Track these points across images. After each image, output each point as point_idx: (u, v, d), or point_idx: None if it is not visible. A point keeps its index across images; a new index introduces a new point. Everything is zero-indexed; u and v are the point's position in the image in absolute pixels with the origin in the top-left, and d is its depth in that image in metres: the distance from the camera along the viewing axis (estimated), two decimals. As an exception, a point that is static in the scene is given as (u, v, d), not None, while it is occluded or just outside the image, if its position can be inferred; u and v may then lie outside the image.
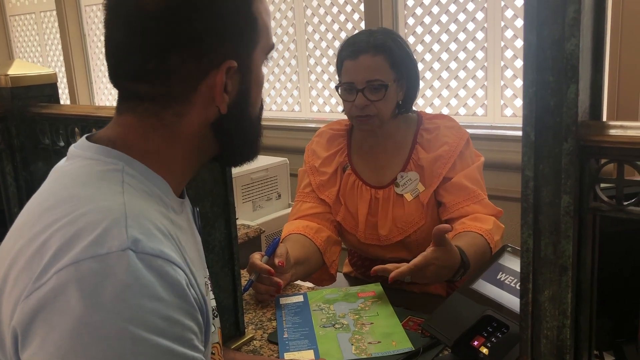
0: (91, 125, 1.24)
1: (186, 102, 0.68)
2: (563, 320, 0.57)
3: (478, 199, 1.43)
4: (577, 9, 0.52)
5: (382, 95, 1.40)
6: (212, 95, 0.68)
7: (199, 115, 0.69)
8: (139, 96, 0.68)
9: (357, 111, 1.42)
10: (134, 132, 0.68)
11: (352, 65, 1.41)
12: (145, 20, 0.64)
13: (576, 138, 0.55)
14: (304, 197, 1.57)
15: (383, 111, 1.42)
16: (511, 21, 2.36)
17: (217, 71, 0.67)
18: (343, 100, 1.45)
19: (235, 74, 0.69)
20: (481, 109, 2.52)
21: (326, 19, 2.93)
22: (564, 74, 0.54)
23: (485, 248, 1.35)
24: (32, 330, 0.55)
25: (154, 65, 0.65)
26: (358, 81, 1.40)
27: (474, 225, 1.38)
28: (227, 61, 0.67)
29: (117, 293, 0.54)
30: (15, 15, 4.56)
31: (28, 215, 0.64)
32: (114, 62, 0.70)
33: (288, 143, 2.59)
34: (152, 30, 0.64)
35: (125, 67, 0.68)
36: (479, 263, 1.31)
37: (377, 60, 1.39)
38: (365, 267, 1.64)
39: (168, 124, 0.68)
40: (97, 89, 4.17)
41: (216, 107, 0.69)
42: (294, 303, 1.27)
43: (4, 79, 1.33)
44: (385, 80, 1.40)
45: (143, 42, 0.65)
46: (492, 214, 1.43)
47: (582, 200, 0.57)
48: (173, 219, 0.68)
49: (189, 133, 0.69)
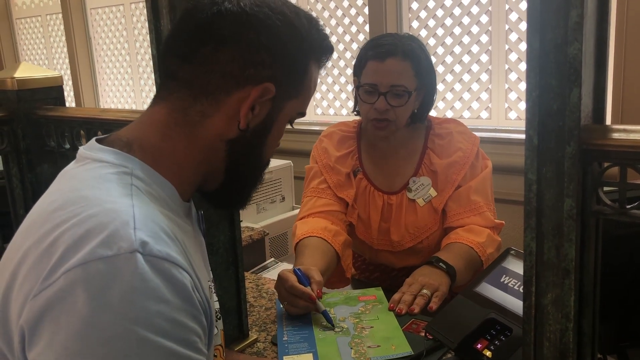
0: (97, 127, 1.25)
1: (215, 103, 0.70)
2: (566, 323, 0.58)
3: (479, 212, 1.43)
4: (580, 13, 0.52)
5: (404, 101, 1.38)
6: (239, 108, 0.70)
7: (220, 123, 0.71)
8: (177, 78, 0.71)
9: (375, 114, 1.40)
10: (156, 128, 0.71)
11: (378, 67, 1.38)
12: (222, 13, 0.69)
13: (579, 142, 0.55)
14: (318, 192, 1.52)
15: (401, 118, 1.41)
16: (515, 24, 2.36)
17: (254, 87, 0.70)
18: (362, 101, 1.42)
19: (267, 103, 0.72)
20: (485, 112, 2.52)
21: (330, 22, 2.93)
22: (566, 77, 0.54)
23: (474, 260, 1.37)
24: (39, 329, 0.56)
25: (205, 50, 0.69)
26: (382, 84, 1.37)
27: (466, 237, 1.39)
28: (267, 82, 0.70)
29: (124, 295, 0.55)
30: (21, 18, 4.59)
31: (37, 216, 0.65)
32: (172, 42, 0.74)
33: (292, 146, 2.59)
34: (223, 23, 0.69)
35: (180, 46, 0.72)
36: (467, 274, 1.35)
37: (405, 66, 1.38)
38: (370, 271, 1.64)
39: (191, 122, 0.71)
40: (102, 91, 4.19)
41: (237, 123, 0.71)
42: None
43: (11, 82, 1.34)
44: (409, 87, 1.38)
45: (210, 30, 0.69)
46: (490, 226, 1.43)
47: (585, 204, 0.57)
48: (179, 222, 0.69)
49: (207, 139, 0.71)
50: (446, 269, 1.29)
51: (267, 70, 0.70)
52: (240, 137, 0.72)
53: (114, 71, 4.05)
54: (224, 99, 0.70)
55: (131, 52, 3.89)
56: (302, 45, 0.73)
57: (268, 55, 0.70)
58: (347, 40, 2.89)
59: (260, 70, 0.70)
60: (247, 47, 0.69)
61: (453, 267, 1.30)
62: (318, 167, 1.55)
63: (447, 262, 1.31)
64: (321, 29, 0.77)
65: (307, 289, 1.18)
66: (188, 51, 0.70)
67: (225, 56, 0.69)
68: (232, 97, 0.70)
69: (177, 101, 0.71)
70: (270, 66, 0.70)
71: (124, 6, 3.86)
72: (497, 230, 1.46)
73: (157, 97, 0.74)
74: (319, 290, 1.20)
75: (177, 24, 0.75)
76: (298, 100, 0.76)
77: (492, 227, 1.44)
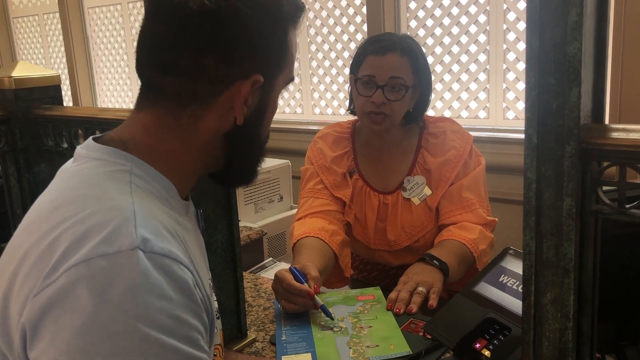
0: (95, 127, 1.25)
1: (205, 106, 0.69)
2: (565, 322, 0.58)
3: (471, 209, 1.43)
4: (580, 12, 0.52)
5: (401, 95, 1.39)
6: (232, 104, 0.69)
7: (214, 121, 0.70)
8: (163, 91, 0.69)
9: (372, 107, 1.40)
10: (148, 131, 0.70)
11: (377, 60, 1.40)
12: (189, 17, 0.66)
13: (578, 141, 0.55)
14: (315, 193, 1.53)
15: (397, 113, 1.42)
16: (513, 24, 2.36)
17: (243, 82, 0.69)
18: (359, 94, 1.43)
19: (257, 91, 0.71)
20: (483, 111, 2.52)
21: (329, 22, 2.93)
22: (566, 77, 0.54)
23: (467, 256, 1.38)
24: (41, 327, 0.56)
25: (187, 61, 0.67)
26: (380, 76, 1.39)
27: (458, 233, 1.40)
28: (255, 75, 0.69)
29: (126, 291, 0.55)
30: (18, 17, 4.58)
31: (36, 215, 0.65)
32: (146, 53, 0.70)
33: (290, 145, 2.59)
34: (194, 28, 0.66)
35: (158, 58, 0.69)
36: (460, 270, 1.36)
37: (403, 62, 1.40)
38: (368, 271, 1.64)
39: (184, 125, 0.69)
40: (99, 91, 4.18)
41: (233, 117, 0.70)
42: None
43: (8, 81, 1.33)
44: (407, 82, 1.40)
45: (182, 37, 0.67)
46: (482, 223, 1.43)
47: (584, 203, 0.57)
48: (179, 220, 0.69)
49: (203, 137, 0.71)
50: (439, 266, 1.30)
51: (252, 64, 0.69)
52: (236, 128, 0.72)
53: (111, 70, 4.04)
54: (214, 100, 0.69)
55: (129, 52, 3.88)
56: (277, 23, 0.71)
57: (249, 49, 0.68)
58: (345, 40, 2.89)
59: (245, 65, 0.69)
60: (226, 48, 0.67)
61: (446, 263, 1.31)
62: (314, 168, 1.55)
63: (440, 258, 1.31)
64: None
65: (304, 286, 1.18)
66: (168, 64, 0.68)
67: (208, 63, 0.67)
68: (222, 96, 0.69)
69: (166, 109, 0.69)
70: (253, 59, 0.69)
71: (121, 5, 3.85)
72: (490, 227, 1.46)
73: (142, 102, 0.71)
74: (316, 286, 1.20)
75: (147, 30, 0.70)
76: (284, 73, 0.75)
77: (485, 224, 1.44)
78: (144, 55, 0.71)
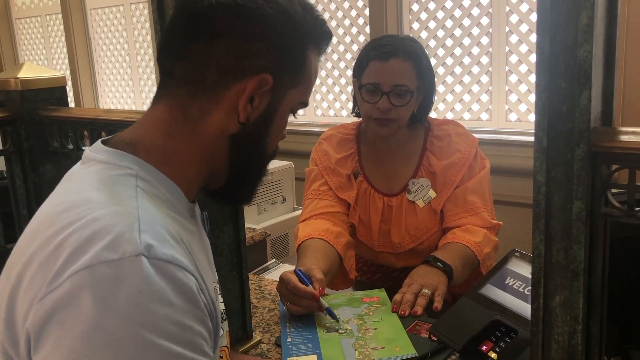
0: (100, 128, 1.25)
1: (213, 99, 0.69)
2: (574, 325, 0.58)
3: (476, 212, 1.43)
4: (590, 15, 0.52)
5: (406, 101, 1.39)
6: (238, 102, 0.69)
7: (221, 118, 0.70)
8: (175, 76, 0.70)
9: (378, 113, 1.40)
10: (158, 128, 0.70)
11: (380, 66, 1.39)
12: (208, 6, 0.68)
13: (588, 144, 0.55)
14: (320, 194, 1.53)
15: (402, 117, 1.42)
16: (516, 26, 2.36)
17: (251, 78, 0.69)
18: (364, 101, 1.43)
19: (266, 94, 0.71)
20: (485, 113, 2.53)
21: (331, 23, 2.93)
22: (576, 80, 0.54)
23: (471, 259, 1.37)
24: (45, 332, 0.56)
25: (198, 46, 0.68)
26: (385, 83, 1.38)
27: (462, 236, 1.40)
28: (264, 73, 0.69)
29: (130, 298, 0.55)
30: (21, 19, 4.58)
31: (43, 218, 0.65)
32: (165, 39, 0.73)
33: (293, 147, 2.59)
34: (211, 15, 0.68)
35: (174, 43, 0.71)
36: (464, 272, 1.36)
37: (407, 66, 1.39)
38: (371, 273, 1.64)
39: (192, 119, 0.70)
40: (101, 92, 4.18)
41: (237, 117, 0.70)
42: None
43: (14, 82, 1.34)
44: (410, 87, 1.39)
45: (198, 24, 0.68)
46: (487, 226, 1.44)
47: (594, 206, 0.57)
48: (184, 223, 0.69)
49: (209, 136, 0.71)
50: (443, 268, 1.30)
51: (263, 61, 0.69)
52: (242, 131, 0.71)
53: (113, 72, 4.05)
54: (222, 93, 0.69)
55: (131, 53, 3.89)
56: (297, 32, 0.71)
57: (262, 45, 0.69)
58: (348, 42, 2.90)
59: (256, 61, 0.69)
60: (240, 38, 0.68)
61: (450, 265, 1.31)
62: (318, 170, 1.55)
63: (444, 260, 1.31)
64: (317, 15, 0.75)
65: (309, 288, 1.18)
66: (181, 48, 0.69)
67: (219, 49, 0.68)
68: (230, 91, 0.69)
69: (176, 99, 0.70)
70: (265, 56, 0.69)
71: (123, 7, 3.85)
72: (494, 230, 1.46)
73: (157, 96, 0.73)
74: (321, 288, 1.20)
75: (170, 21, 0.74)
76: (299, 89, 0.75)
77: (489, 227, 1.44)
78: (165, 42, 0.73)
